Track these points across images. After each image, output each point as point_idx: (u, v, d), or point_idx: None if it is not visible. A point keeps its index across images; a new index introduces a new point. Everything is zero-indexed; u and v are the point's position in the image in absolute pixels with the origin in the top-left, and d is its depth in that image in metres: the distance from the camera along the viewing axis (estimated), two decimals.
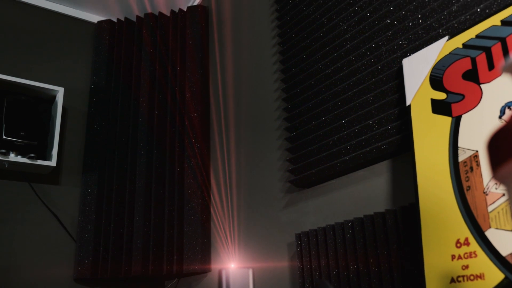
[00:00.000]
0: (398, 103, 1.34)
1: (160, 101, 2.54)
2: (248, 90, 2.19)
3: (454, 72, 1.19)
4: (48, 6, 2.75)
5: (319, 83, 1.66)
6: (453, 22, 1.22)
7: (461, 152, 1.14)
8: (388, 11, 1.42)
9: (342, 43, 1.59)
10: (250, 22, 2.26)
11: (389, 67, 1.39)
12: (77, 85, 2.69)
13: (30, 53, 2.62)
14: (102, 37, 2.75)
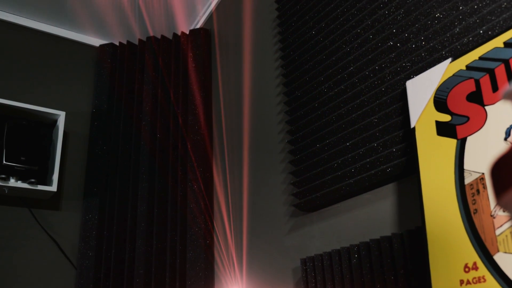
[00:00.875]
0: (403, 125, 1.36)
1: (162, 125, 2.56)
2: (251, 113, 2.21)
3: (458, 94, 1.21)
4: (49, 30, 2.80)
5: (323, 105, 1.68)
6: (456, 44, 1.24)
7: (467, 175, 1.15)
8: (390, 33, 1.45)
9: (345, 66, 1.61)
10: (252, 45, 2.30)
11: (393, 89, 1.41)
12: (79, 109, 2.73)
13: (31, 77, 2.66)
14: (104, 60, 2.79)
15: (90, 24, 2.83)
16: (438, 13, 1.31)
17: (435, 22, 1.32)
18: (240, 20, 2.44)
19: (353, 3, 1.63)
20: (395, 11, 1.46)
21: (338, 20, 1.69)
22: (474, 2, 1.23)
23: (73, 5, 2.70)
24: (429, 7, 1.34)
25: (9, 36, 2.68)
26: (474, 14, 1.23)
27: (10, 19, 2.70)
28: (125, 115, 2.65)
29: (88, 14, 2.77)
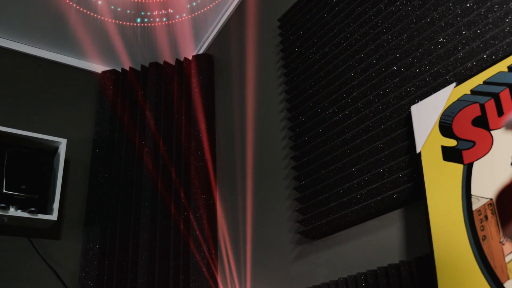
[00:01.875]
0: (408, 150, 1.38)
1: (165, 151, 2.59)
2: (255, 138, 2.23)
3: (463, 118, 1.23)
4: (50, 56, 2.86)
5: (327, 130, 1.70)
6: (460, 69, 1.27)
7: (474, 201, 1.16)
8: (394, 58, 1.48)
9: (349, 90, 1.64)
10: (256, 70, 2.34)
11: (397, 114, 1.43)
12: (80, 136, 2.76)
13: (32, 105, 2.70)
14: (106, 87, 2.84)
15: (92, 51, 2.89)
16: (441, 38, 1.34)
17: (439, 46, 1.35)
18: (243, 46, 2.49)
19: (356, 29, 1.67)
20: (398, 36, 1.49)
21: (342, 45, 1.72)
22: (477, 26, 1.26)
23: (75, 31, 2.76)
24: (432, 32, 1.37)
25: (9, 63, 2.73)
26: (477, 38, 1.25)
27: (10, 46, 2.75)
28: (127, 142, 2.68)
29: (90, 41, 2.82)
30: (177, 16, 2.70)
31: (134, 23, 2.72)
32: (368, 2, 1.65)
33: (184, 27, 2.77)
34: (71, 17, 2.66)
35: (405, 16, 1.48)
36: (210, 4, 2.66)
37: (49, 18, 2.65)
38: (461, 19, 1.31)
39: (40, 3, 2.54)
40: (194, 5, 2.64)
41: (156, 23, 2.73)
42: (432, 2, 1.40)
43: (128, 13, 2.66)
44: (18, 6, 2.56)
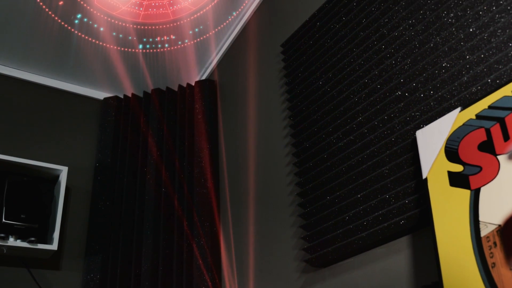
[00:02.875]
0: (414, 176, 1.39)
1: (167, 178, 2.60)
2: (259, 164, 2.25)
3: (469, 143, 1.25)
4: (52, 83, 2.90)
5: (332, 156, 1.72)
6: (465, 93, 1.29)
7: (482, 227, 1.16)
8: (398, 83, 1.50)
9: (353, 116, 1.66)
10: (259, 96, 2.37)
11: (403, 139, 1.45)
12: (82, 164, 2.78)
13: (33, 132, 2.73)
14: (108, 113, 2.87)
15: (94, 77, 2.94)
16: (445, 63, 1.37)
17: (443, 71, 1.38)
18: (246, 71, 2.52)
19: (360, 54, 1.70)
20: (402, 60, 1.52)
21: (345, 70, 1.75)
22: (480, 51, 1.28)
23: (77, 58, 2.81)
24: (436, 56, 1.40)
25: (10, 90, 2.77)
26: (481, 63, 1.28)
27: (11, 73, 2.79)
28: (129, 169, 2.70)
29: (92, 67, 2.87)
30: (179, 42, 2.74)
31: (137, 50, 2.77)
32: (371, 27, 1.68)
33: (187, 53, 2.82)
34: (73, 43, 2.71)
35: (409, 41, 1.51)
36: (213, 30, 2.70)
37: (51, 44, 2.70)
38: (465, 44, 1.34)
39: (41, 30, 2.59)
40: (197, 31, 2.69)
41: (158, 49, 2.78)
42: (435, 27, 1.43)
43: (130, 40, 2.72)
44: (19, 33, 2.61)
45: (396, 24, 1.58)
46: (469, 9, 1.35)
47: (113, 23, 2.61)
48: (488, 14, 1.29)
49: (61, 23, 2.57)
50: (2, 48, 2.69)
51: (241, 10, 2.60)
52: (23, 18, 2.51)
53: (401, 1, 1.58)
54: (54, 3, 2.45)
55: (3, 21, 2.52)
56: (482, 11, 1.31)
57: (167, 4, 2.51)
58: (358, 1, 1.77)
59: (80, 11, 2.53)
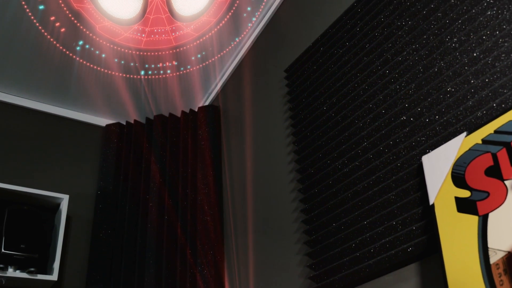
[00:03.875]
0: (421, 202, 1.40)
1: (170, 206, 2.61)
2: (264, 191, 2.26)
3: (476, 168, 1.26)
4: (53, 110, 2.94)
5: (338, 182, 1.73)
6: (470, 118, 1.31)
7: (492, 254, 1.17)
8: (403, 108, 1.53)
9: (358, 141, 1.68)
10: (263, 122, 2.39)
11: (408, 164, 1.47)
12: (83, 192, 2.80)
13: (34, 160, 2.76)
14: (110, 140, 2.90)
15: (96, 104, 2.98)
16: (450, 87, 1.39)
17: (448, 96, 1.40)
18: (249, 96, 2.55)
19: (364, 78, 1.73)
20: (406, 85, 1.54)
21: (350, 95, 1.78)
22: (485, 75, 1.31)
23: (78, 85, 2.85)
24: (440, 81, 1.43)
25: (10, 117, 2.80)
26: (486, 87, 1.30)
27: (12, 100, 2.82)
28: (132, 197, 2.72)
29: (94, 94, 2.91)
30: (182, 68, 2.79)
31: (139, 76, 2.81)
32: (375, 52, 1.71)
33: (189, 79, 2.86)
34: (75, 70, 2.75)
35: (413, 65, 1.54)
36: (215, 55, 2.75)
37: (52, 71, 2.73)
38: (469, 68, 1.36)
39: (43, 57, 2.63)
40: (199, 57, 2.74)
41: (161, 76, 2.82)
42: (439, 51, 1.46)
43: (132, 66, 2.76)
44: (20, 60, 2.64)
45: (400, 49, 1.61)
46: (472, 34, 1.37)
47: (115, 50, 2.65)
48: (492, 39, 1.32)
49: (62, 49, 2.62)
50: (3, 75, 2.72)
51: (244, 36, 2.65)
52: (25, 45, 2.55)
53: (404, 26, 1.61)
54: (56, 30, 2.50)
55: (5, 48, 2.56)
56: (485, 36, 1.34)
57: (169, 30, 2.56)
58: (362, 26, 1.81)
59: (82, 37, 2.58)
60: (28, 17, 2.41)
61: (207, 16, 2.51)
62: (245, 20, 2.58)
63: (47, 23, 2.47)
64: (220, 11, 2.50)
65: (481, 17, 1.36)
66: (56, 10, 2.41)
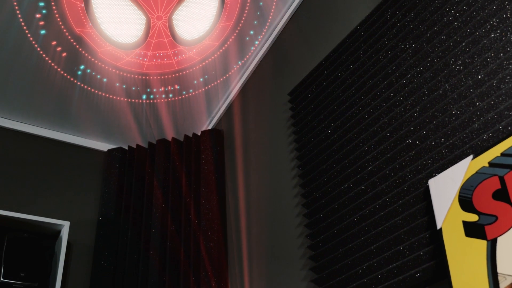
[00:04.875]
0: (429, 226, 1.41)
1: (173, 232, 2.62)
2: (268, 216, 2.27)
3: (483, 192, 1.27)
4: (53, 136, 2.96)
5: (343, 207, 1.75)
6: (476, 140, 1.33)
7: (501, 279, 1.17)
8: (408, 131, 1.55)
9: (364, 165, 1.70)
10: (267, 145, 2.41)
11: (415, 188, 1.48)
12: (84, 218, 2.81)
13: (34, 186, 2.77)
14: (112, 165, 2.92)
15: (98, 129, 3.00)
16: (455, 110, 1.41)
17: (453, 118, 1.42)
18: (253, 120, 2.58)
19: (368, 101, 1.75)
20: (411, 108, 1.56)
21: (354, 118, 1.80)
22: (490, 98, 1.33)
23: (79, 109, 2.87)
24: (445, 104, 1.45)
25: (10, 143, 2.82)
26: (491, 109, 1.32)
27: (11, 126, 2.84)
28: (133, 223, 2.73)
29: (95, 119, 2.94)
30: (184, 92, 2.82)
31: (141, 100, 2.85)
32: (379, 75, 1.74)
33: (192, 102, 2.89)
34: (76, 94, 2.78)
35: (417, 88, 1.56)
36: (218, 79, 2.78)
37: (53, 96, 2.76)
38: (474, 91, 1.38)
39: (43, 81, 2.65)
40: (202, 80, 2.77)
41: (163, 100, 2.86)
42: (443, 74, 1.48)
43: (134, 90, 2.79)
44: (21, 85, 2.67)
45: (404, 72, 1.63)
46: (476, 56, 1.40)
47: (116, 74, 2.69)
48: (496, 61, 1.34)
49: (63, 74, 2.65)
50: (3, 100, 2.75)
51: (247, 59, 2.69)
52: (25, 70, 2.58)
53: (408, 48, 1.64)
54: (58, 54, 2.54)
55: (5, 73, 2.59)
56: (490, 58, 1.36)
57: (171, 54, 2.60)
58: (365, 49, 1.84)
59: (84, 62, 2.61)
60: (29, 42, 2.45)
61: (210, 40, 2.55)
62: (248, 43, 2.62)
63: (48, 48, 2.50)
64: (223, 34, 2.55)
65: (485, 40, 1.38)
66: (58, 35, 2.45)
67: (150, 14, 2.38)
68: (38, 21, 2.37)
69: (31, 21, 2.36)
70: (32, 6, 2.30)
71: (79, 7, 2.34)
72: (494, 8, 1.38)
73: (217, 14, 2.42)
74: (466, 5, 1.47)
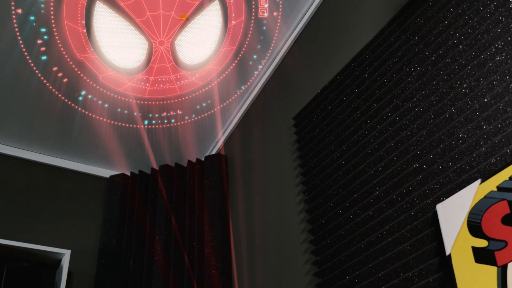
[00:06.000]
0: (438, 252, 1.42)
1: (176, 259, 2.62)
2: (273, 243, 2.28)
3: (492, 216, 1.29)
4: (54, 162, 2.98)
5: (350, 233, 1.75)
6: (484, 164, 1.34)
7: None
8: (415, 155, 1.56)
9: (370, 190, 1.71)
10: (271, 170, 2.43)
11: (423, 213, 1.49)
12: (85, 246, 2.82)
13: (34, 214, 2.78)
14: (114, 192, 2.94)
15: (100, 155, 3.03)
16: (462, 133, 1.43)
17: (460, 142, 1.44)
18: (257, 145, 2.60)
19: (374, 125, 1.77)
20: (418, 132, 1.58)
21: (360, 142, 1.82)
22: (497, 121, 1.35)
23: (81, 135, 2.90)
24: (452, 127, 1.47)
25: (9, 170, 2.84)
26: (498, 133, 1.34)
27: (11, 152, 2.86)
28: (136, 251, 2.73)
29: (97, 144, 2.97)
30: (186, 117, 2.85)
31: (143, 125, 2.88)
32: (384, 98, 1.76)
33: (195, 127, 2.92)
34: (76, 120, 2.81)
35: (423, 112, 1.59)
36: (221, 104, 2.82)
37: (53, 122, 2.78)
38: (480, 114, 1.41)
39: (44, 107, 2.68)
40: (204, 105, 2.81)
41: (165, 125, 2.89)
42: (449, 97, 1.51)
43: (136, 116, 2.83)
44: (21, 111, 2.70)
45: (410, 95, 1.66)
46: (482, 79, 1.42)
47: (118, 99, 2.72)
48: (502, 84, 1.37)
49: (64, 100, 2.68)
50: (4, 126, 2.77)
51: (251, 83, 2.72)
52: (26, 96, 2.61)
53: (413, 72, 1.67)
54: (59, 80, 2.57)
55: (5, 99, 2.61)
56: (495, 81, 1.39)
57: (173, 79, 2.64)
58: (370, 72, 1.87)
59: (85, 88, 2.65)
60: (30, 68, 2.48)
61: (213, 65, 2.59)
62: (251, 67, 2.65)
63: (49, 74, 2.54)
64: (226, 59, 2.59)
65: (490, 63, 1.41)
66: (59, 60, 2.48)
67: (153, 39, 2.43)
68: (39, 47, 2.41)
69: (32, 46, 2.40)
70: (33, 32, 2.34)
71: (81, 33, 2.39)
72: (499, 31, 1.41)
73: (220, 39, 2.47)
74: (470, 28, 1.50)
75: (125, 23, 2.36)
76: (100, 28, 2.38)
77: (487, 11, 1.46)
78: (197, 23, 2.40)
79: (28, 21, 2.29)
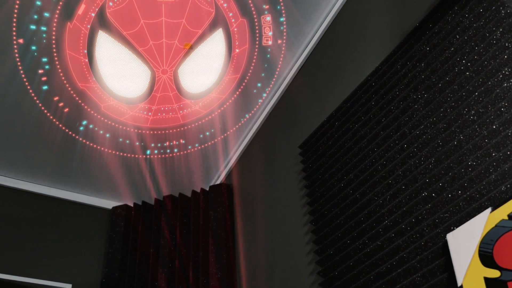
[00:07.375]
0: (449, 283, 1.42)
1: None
2: (280, 275, 2.28)
3: (504, 246, 1.30)
4: (56, 193, 2.99)
5: (359, 264, 1.76)
6: (494, 192, 1.36)
7: None
8: (424, 183, 1.58)
9: (379, 219, 1.73)
10: (278, 200, 2.45)
11: (433, 243, 1.50)
12: (87, 280, 2.82)
13: (34, 247, 2.79)
14: (117, 223, 2.95)
15: (102, 186, 3.05)
16: (471, 161, 1.45)
17: (469, 170, 1.46)
18: (262, 174, 2.62)
19: (381, 153, 1.80)
20: (426, 159, 1.61)
21: (367, 171, 1.84)
22: (506, 148, 1.37)
23: (82, 166, 2.92)
24: (460, 155, 1.49)
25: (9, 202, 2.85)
26: (508, 160, 1.36)
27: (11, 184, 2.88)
28: (139, 283, 2.73)
29: (98, 175, 2.99)
30: (189, 147, 2.88)
31: (145, 155, 2.90)
32: (391, 126, 1.79)
33: (199, 157, 2.95)
34: (77, 151, 2.83)
35: (431, 139, 1.61)
36: (225, 133, 2.85)
37: (54, 153, 2.80)
38: (489, 141, 1.43)
39: (44, 138, 2.71)
40: (208, 134, 2.84)
41: (168, 155, 2.91)
42: (457, 124, 1.53)
43: (138, 145, 2.85)
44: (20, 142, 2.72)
45: (417, 123, 1.68)
46: (490, 106, 1.45)
47: (120, 129, 2.75)
48: (510, 110, 1.39)
49: (65, 130, 2.70)
50: (3, 157, 2.79)
51: (255, 112, 2.75)
52: (26, 126, 2.64)
53: (420, 99, 1.70)
54: (60, 110, 2.60)
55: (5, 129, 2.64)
56: (503, 108, 1.41)
57: (176, 108, 2.68)
58: (377, 100, 1.90)
59: (86, 117, 2.68)
60: (31, 98, 2.51)
61: (216, 93, 2.63)
62: (255, 96, 2.69)
63: (50, 103, 2.56)
64: (230, 87, 2.63)
65: (498, 89, 1.44)
66: (60, 90, 2.51)
67: (155, 68, 2.47)
68: (40, 77, 2.45)
69: (33, 76, 2.44)
70: (35, 61, 2.38)
71: (83, 62, 2.43)
72: (506, 57, 1.44)
73: (224, 67, 2.51)
74: (477, 55, 1.54)
75: (127, 52, 2.41)
76: (102, 57, 2.42)
77: (493, 37, 1.50)
78: (200, 52, 2.44)
79: (29, 51, 2.34)
